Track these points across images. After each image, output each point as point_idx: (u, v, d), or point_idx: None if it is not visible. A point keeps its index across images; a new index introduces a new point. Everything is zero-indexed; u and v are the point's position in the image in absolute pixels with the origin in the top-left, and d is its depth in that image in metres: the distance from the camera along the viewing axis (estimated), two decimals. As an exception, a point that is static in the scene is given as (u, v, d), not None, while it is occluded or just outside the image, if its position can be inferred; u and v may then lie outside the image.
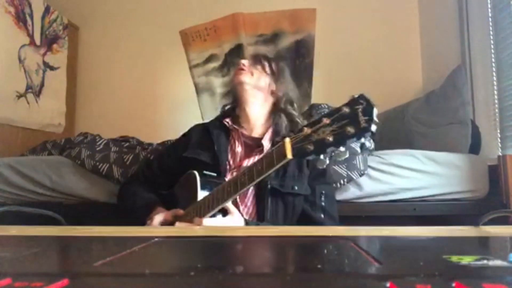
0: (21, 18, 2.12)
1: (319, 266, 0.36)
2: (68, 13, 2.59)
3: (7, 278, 0.28)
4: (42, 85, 2.31)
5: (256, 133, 1.15)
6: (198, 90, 2.61)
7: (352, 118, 0.67)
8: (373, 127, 0.66)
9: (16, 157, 1.79)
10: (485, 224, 0.64)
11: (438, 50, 2.25)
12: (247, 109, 1.16)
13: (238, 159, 1.12)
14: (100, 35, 2.75)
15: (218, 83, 2.59)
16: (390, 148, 1.54)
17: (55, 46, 2.45)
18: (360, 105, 0.67)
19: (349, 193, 1.42)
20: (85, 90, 2.73)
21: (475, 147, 1.60)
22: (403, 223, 0.67)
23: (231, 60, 2.55)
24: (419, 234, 0.61)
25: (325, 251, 0.48)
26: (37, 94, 2.26)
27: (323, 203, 1.06)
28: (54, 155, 1.81)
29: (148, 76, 2.67)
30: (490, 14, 1.78)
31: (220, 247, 0.51)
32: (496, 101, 1.71)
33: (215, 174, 1.05)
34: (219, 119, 1.21)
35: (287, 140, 0.76)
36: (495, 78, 1.73)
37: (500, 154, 1.58)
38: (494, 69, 1.74)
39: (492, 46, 1.75)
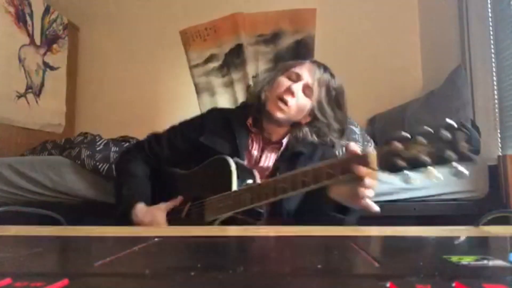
0: (21, 18, 2.12)
1: (319, 266, 0.36)
2: (68, 13, 2.59)
3: (7, 278, 0.28)
4: (42, 85, 2.31)
5: (274, 138, 1.11)
6: (198, 90, 2.61)
7: (453, 143, 0.65)
8: (475, 157, 0.64)
9: (16, 157, 1.79)
10: (485, 224, 0.64)
11: (438, 50, 2.25)
12: (274, 127, 1.09)
13: (253, 161, 1.09)
14: (100, 35, 2.75)
15: (218, 83, 2.59)
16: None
17: (55, 46, 2.45)
18: (462, 132, 0.65)
19: (349, 193, 1.42)
20: (85, 90, 2.73)
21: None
22: (403, 223, 0.68)
23: (231, 60, 2.55)
24: (419, 234, 0.61)
25: (325, 251, 0.48)
26: (37, 94, 2.26)
27: None
28: (54, 155, 1.81)
29: (148, 76, 2.67)
30: (490, 14, 1.78)
31: (220, 247, 0.51)
32: (496, 101, 1.71)
33: (244, 162, 1.01)
34: (241, 116, 1.13)
35: (372, 150, 0.72)
36: (495, 78, 1.73)
37: (500, 154, 1.58)
38: (494, 69, 1.74)
39: (492, 46, 1.75)
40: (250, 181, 0.95)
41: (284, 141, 1.09)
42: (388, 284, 0.27)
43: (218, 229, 0.80)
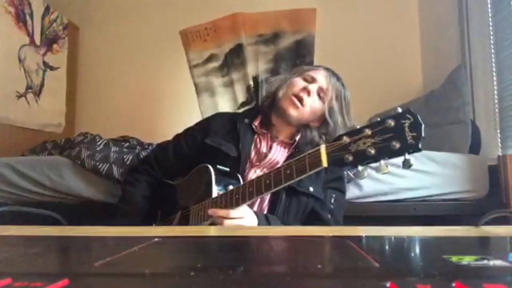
0: (21, 18, 2.12)
1: (319, 266, 0.36)
2: (68, 13, 2.59)
3: (7, 278, 0.28)
4: (42, 85, 2.31)
5: (282, 137, 1.12)
6: (198, 90, 2.60)
7: (398, 132, 0.64)
8: (421, 145, 0.62)
9: (16, 157, 1.78)
10: (485, 224, 0.64)
11: (438, 50, 2.25)
12: (283, 125, 1.11)
13: (262, 157, 1.10)
14: (100, 35, 2.75)
15: (218, 83, 2.59)
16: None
17: (55, 46, 2.45)
18: (407, 120, 0.64)
19: (349, 193, 1.42)
20: (85, 90, 2.73)
21: (475, 147, 1.60)
22: (403, 223, 0.67)
23: (231, 60, 2.55)
24: (419, 234, 0.61)
25: (325, 251, 0.48)
26: (37, 94, 2.26)
27: (331, 206, 1.06)
28: (54, 155, 1.81)
29: (148, 76, 2.67)
30: (490, 14, 1.78)
31: (220, 247, 0.51)
32: (496, 101, 1.71)
33: (228, 169, 1.03)
34: (247, 118, 1.15)
35: (323, 147, 0.73)
36: (495, 78, 1.73)
37: (500, 154, 1.58)
38: (494, 69, 1.74)
39: (492, 46, 1.75)
40: (231, 187, 0.96)
41: (297, 138, 1.10)
42: (388, 284, 0.27)
43: (218, 229, 0.81)
